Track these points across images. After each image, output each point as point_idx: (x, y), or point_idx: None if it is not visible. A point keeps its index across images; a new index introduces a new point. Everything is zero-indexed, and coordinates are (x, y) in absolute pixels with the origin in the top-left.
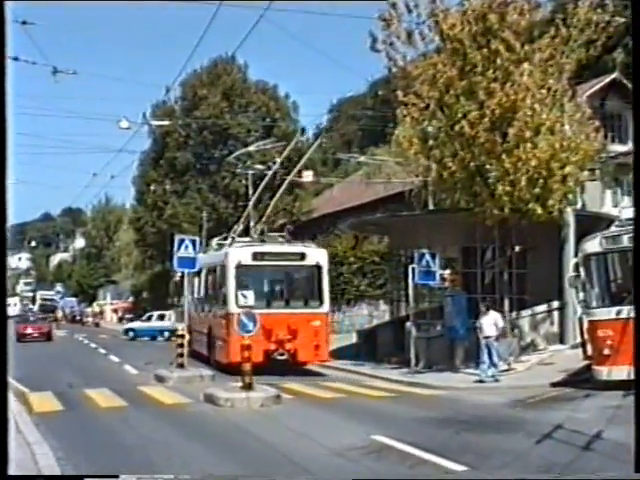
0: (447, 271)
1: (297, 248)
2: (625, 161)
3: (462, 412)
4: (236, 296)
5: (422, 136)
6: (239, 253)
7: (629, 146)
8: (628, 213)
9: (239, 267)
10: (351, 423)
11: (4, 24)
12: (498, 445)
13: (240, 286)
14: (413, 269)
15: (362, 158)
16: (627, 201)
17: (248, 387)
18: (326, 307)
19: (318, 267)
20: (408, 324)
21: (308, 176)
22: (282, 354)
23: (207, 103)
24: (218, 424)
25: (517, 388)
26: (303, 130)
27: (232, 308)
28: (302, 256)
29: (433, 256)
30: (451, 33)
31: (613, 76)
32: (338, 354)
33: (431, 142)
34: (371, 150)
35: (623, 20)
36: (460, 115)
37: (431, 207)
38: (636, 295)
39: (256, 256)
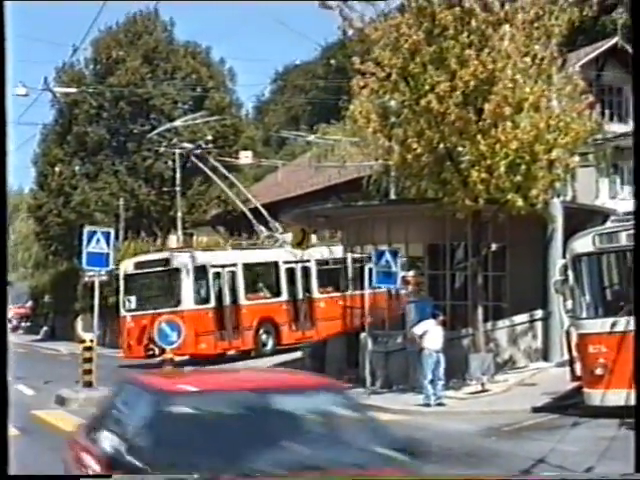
0: (410, 273)
1: (162, 255)
2: (626, 144)
3: (425, 442)
4: (124, 301)
5: (382, 112)
6: (126, 264)
7: (630, 126)
8: (628, 206)
9: (125, 276)
10: None
11: (4, 24)
12: None
13: (127, 292)
14: (370, 270)
15: (311, 137)
16: (627, 192)
17: None
18: (185, 305)
19: (177, 270)
20: (363, 335)
21: (246, 157)
22: (152, 349)
23: (125, 67)
24: None
25: (491, 413)
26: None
27: (121, 312)
28: (166, 262)
29: (394, 255)
30: None
31: (612, 41)
32: None
33: (393, 119)
34: (322, 128)
35: None
36: (427, 87)
37: (393, 196)
38: (636, 301)
39: (137, 265)
